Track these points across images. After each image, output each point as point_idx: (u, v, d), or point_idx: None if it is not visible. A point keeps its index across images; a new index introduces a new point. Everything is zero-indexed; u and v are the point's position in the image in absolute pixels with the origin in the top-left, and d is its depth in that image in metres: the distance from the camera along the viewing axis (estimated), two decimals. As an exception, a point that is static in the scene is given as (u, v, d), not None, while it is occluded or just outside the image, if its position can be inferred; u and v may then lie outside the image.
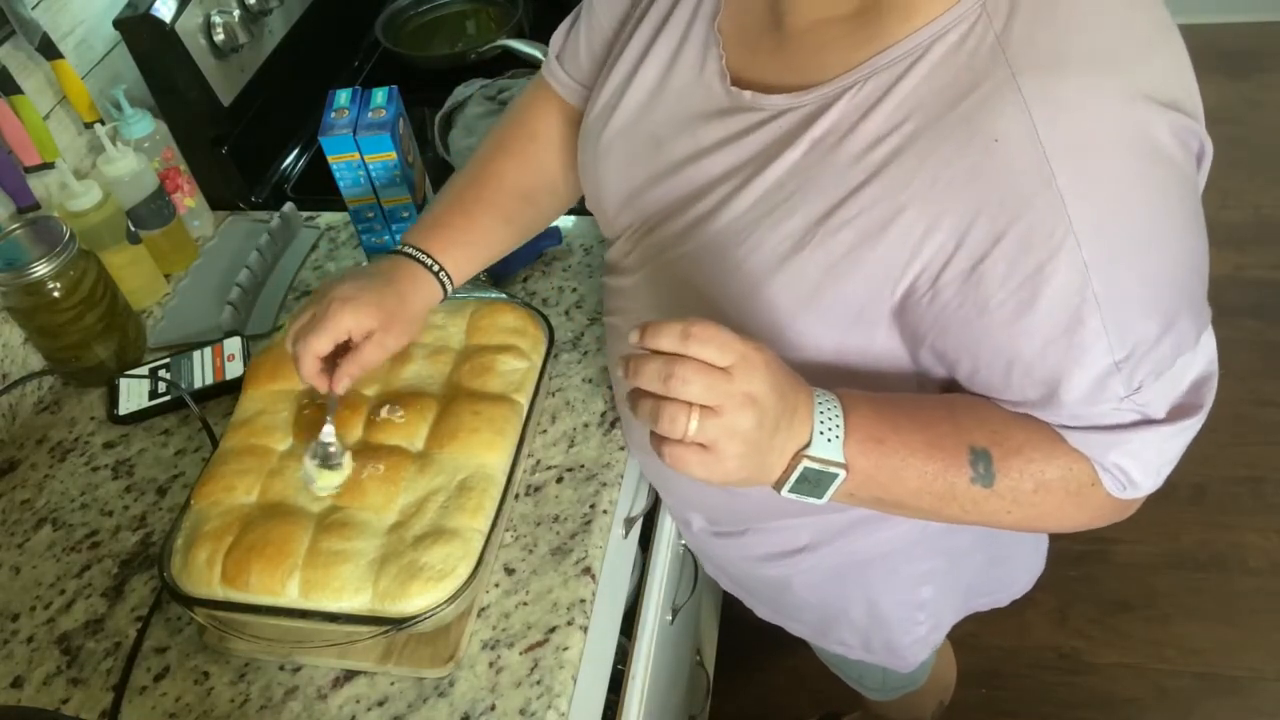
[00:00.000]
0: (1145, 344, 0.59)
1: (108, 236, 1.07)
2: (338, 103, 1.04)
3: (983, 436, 0.65)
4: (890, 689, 1.27)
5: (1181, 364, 0.62)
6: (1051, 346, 0.59)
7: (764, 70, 0.68)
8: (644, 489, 1.04)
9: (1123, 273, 0.57)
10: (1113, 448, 0.64)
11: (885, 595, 0.94)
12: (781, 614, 1.04)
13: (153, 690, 0.80)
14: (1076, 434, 0.64)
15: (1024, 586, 1.05)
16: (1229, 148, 2.63)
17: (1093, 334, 0.58)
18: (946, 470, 0.65)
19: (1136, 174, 0.56)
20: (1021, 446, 0.65)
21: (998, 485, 0.65)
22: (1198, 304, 0.63)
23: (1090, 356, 0.59)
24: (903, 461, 0.64)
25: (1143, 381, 0.60)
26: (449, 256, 0.84)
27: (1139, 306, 0.58)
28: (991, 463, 0.65)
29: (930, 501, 0.66)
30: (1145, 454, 0.65)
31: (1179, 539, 1.84)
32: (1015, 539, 0.98)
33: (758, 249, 0.66)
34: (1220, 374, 0.67)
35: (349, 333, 0.77)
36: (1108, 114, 0.55)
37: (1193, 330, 0.62)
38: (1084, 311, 0.57)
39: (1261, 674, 1.66)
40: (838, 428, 0.62)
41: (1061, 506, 0.67)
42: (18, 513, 0.96)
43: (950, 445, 0.65)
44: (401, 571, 0.76)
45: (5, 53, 1.04)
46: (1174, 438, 0.65)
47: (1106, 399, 0.61)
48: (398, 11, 1.54)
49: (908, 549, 0.88)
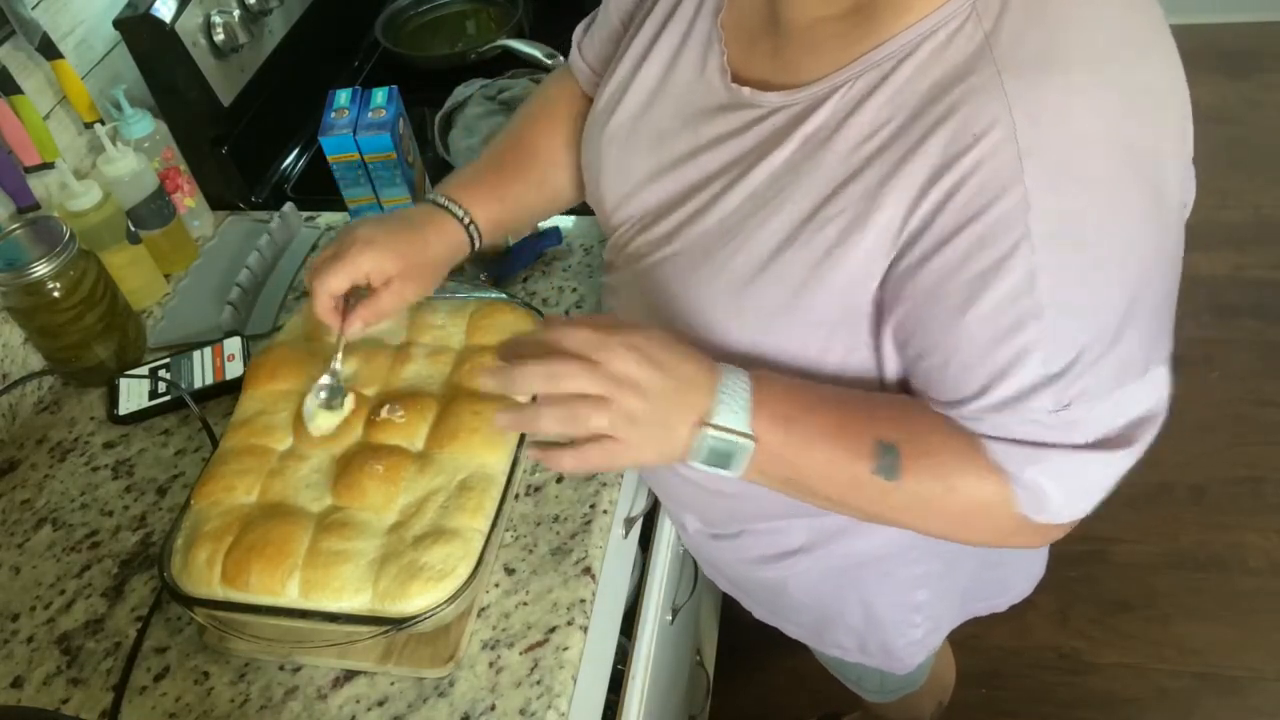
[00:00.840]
0: (1083, 363, 0.58)
1: (108, 236, 1.07)
2: (338, 103, 1.04)
3: (895, 432, 0.65)
4: (888, 691, 1.27)
5: (1125, 394, 0.61)
6: (989, 347, 0.59)
7: (762, 68, 0.68)
8: (644, 489, 1.04)
9: (1071, 285, 0.56)
10: (1031, 464, 0.63)
11: (880, 598, 0.94)
12: (778, 615, 1.04)
13: (153, 690, 0.80)
14: (998, 445, 0.63)
15: (1022, 592, 1.05)
16: (1229, 148, 2.65)
17: (1030, 341, 0.57)
18: (852, 458, 0.64)
19: (1109, 186, 0.56)
20: (935, 450, 0.65)
21: (903, 482, 0.65)
22: (1153, 334, 0.62)
23: (1023, 364, 0.58)
24: (809, 442, 0.64)
25: (1073, 400, 0.59)
26: (480, 210, 0.84)
27: (1082, 322, 0.58)
28: (899, 458, 0.64)
29: (837, 490, 0.66)
30: (1066, 478, 0.63)
31: (1179, 539, 1.84)
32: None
33: (743, 248, 0.66)
34: (1220, 374, 0.67)
35: (367, 276, 0.77)
36: (1090, 120, 0.55)
37: (1140, 359, 0.61)
38: (1025, 317, 0.57)
39: (1261, 674, 1.66)
40: (744, 400, 0.63)
41: (968, 518, 0.66)
42: (18, 513, 0.96)
43: (859, 433, 0.65)
44: (401, 571, 0.76)
45: (5, 53, 1.04)
46: (1101, 467, 0.63)
47: (1033, 411, 0.60)
48: (398, 11, 1.54)
49: (903, 552, 0.88)
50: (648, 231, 0.75)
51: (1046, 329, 0.57)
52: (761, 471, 0.65)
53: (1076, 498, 0.65)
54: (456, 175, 0.87)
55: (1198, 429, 1.98)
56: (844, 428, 0.65)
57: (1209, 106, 2.60)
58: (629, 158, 0.76)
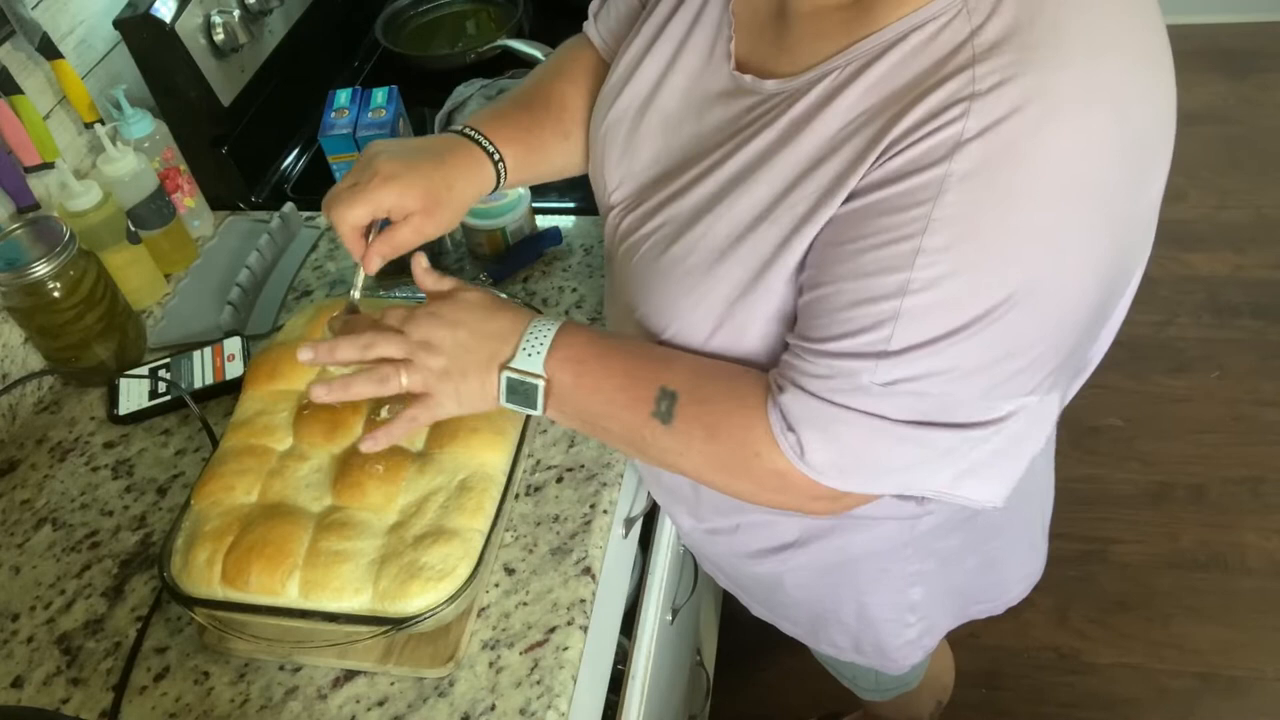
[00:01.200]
0: (931, 350, 0.58)
1: (108, 236, 1.07)
2: (338, 103, 1.04)
3: (679, 381, 0.69)
4: (884, 689, 1.27)
5: (957, 396, 0.59)
6: (856, 302, 0.59)
7: (765, 56, 0.68)
8: (644, 489, 1.04)
9: (946, 280, 0.56)
10: (814, 414, 0.62)
11: (875, 595, 0.94)
12: (775, 613, 1.04)
13: (153, 690, 0.80)
14: (803, 397, 0.62)
15: (1019, 594, 1.05)
16: (1229, 148, 2.65)
17: (890, 311, 0.57)
18: (636, 401, 0.70)
19: (1037, 202, 0.54)
20: (709, 398, 0.67)
21: (675, 426, 0.68)
22: (1017, 352, 0.59)
23: (879, 329, 0.58)
24: (597, 384, 0.71)
25: (900, 380, 0.59)
26: (509, 149, 0.83)
27: (943, 318, 0.57)
28: (675, 404, 0.68)
29: (622, 429, 0.72)
30: (845, 436, 0.62)
31: (1179, 539, 1.84)
32: (1008, 544, 0.97)
33: (712, 228, 0.67)
34: (1220, 374, 0.67)
35: (388, 211, 0.76)
36: (1044, 118, 0.53)
37: (988, 367, 0.59)
38: (896, 289, 0.57)
39: (1261, 674, 1.66)
40: (542, 346, 0.71)
41: (727, 464, 0.68)
42: (18, 513, 0.96)
43: (647, 380, 0.70)
44: (401, 571, 0.76)
45: (5, 53, 1.04)
46: (889, 441, 0.62)
47: (863, 375, 0.60)
48: (398, 11, 1.54)
49: (898, 549, 0.88)
50: (632, 214, 0.76)
51: (906, 309, 0.57)
52: (559, 410, 0.73)
53: (848, 466, 0.64)
54: (484, 111, 0.86)
55: (1198, 429, 1.98)
56: (632, 374, 0.70)
57: (1209, 106, 2.60)
58: (633, 140, 0.77)
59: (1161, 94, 0.58)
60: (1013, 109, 0.53)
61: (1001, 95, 0.54)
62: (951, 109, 0.55)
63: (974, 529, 0.90)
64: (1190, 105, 2.70)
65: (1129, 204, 0.58)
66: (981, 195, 0.55)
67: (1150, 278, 2.40)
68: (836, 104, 0.61)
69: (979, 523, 0.90)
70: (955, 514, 0.86)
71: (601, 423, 0.73)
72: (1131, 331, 2.18)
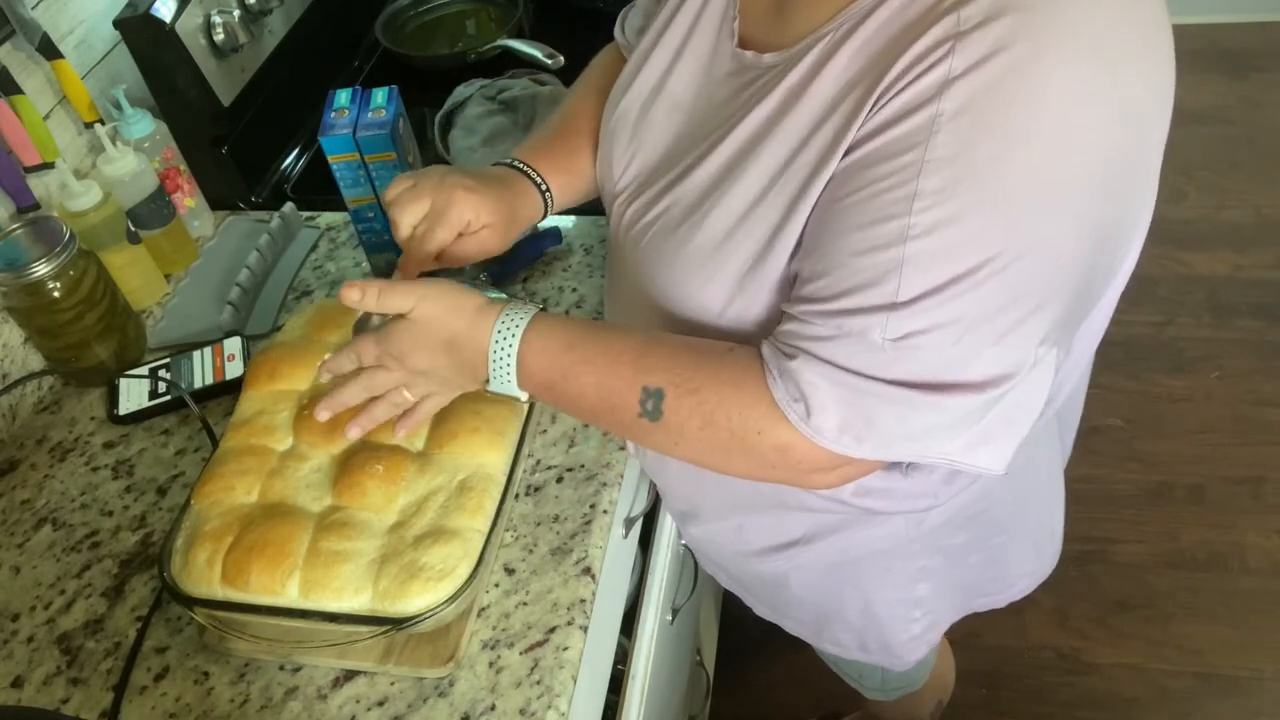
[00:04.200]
0: (937, 299, 0.57)
1: (108, 236, 1.07)
2: (338, 103, 1.04)
3: (660, 377, 0.68)
4: (889, 689, 1.27)
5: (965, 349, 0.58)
6: (856, 254, 0.58)
7: (768, 31, 0.69)
8: (644, 489, 1.04)
9: (949, 218, 0.55)
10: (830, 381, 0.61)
11: (881, 592, 0.94)
12: (778, 612, 1.04)
13: (153, 690, 0.80)
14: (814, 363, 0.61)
15: (1023, 589, 1.05)
16: (1229, 148, 2.65)
17: (893, 260, 0.57)
18: (616, 408, 0.70)
19: (1031, 140, 0.54)
20: (699, 388, 0.67)
21: (665, 420, 0.68)
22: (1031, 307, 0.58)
23: (882, 282, 0.57)
24: (573, 400, 0.72)
25: (911, 333, 0.58)
26: (554, 180, 0.87)
27: (949, 261, 0.56)
28: (663, 401, 0.68)
29: (614, 427, 0.75)
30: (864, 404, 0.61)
31: (1179, 539, 1.84)
32: (1012, 541, 0.98)
33: (719, 204, 0.67)
34: (1220, 374, 0.66)
35: (468, 224, 0.79)
36: (1032, 53, 0.53)
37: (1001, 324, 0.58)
38: (896, 236, 0.56)
39: (1261, 674, 1.66)
40: (509, 371, 0.72)
41: (726, 447, 0.68)
42: (18, 513, 0.96)
43: (623, 386, 0.69)
44: (401, 571, 0.76)
45: (5, 53, 1.04)
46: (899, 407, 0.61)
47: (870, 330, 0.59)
48: (398, 11, 1.54)
49: (904, 545, 0.88)
50: (638, 200, 0.76)
51: (910, 255, 0.56)
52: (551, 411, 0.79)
53: (863, 430, 0.62)
54: (526, 145, 0.90)
55: (1198, 429, 1.98)
56: (606, 384, 0.70)
57: (1209, 106, 2.60)
58: (640, 128, 0.77)
59: (1155, 54, 0.57)
60: (998, 46, 0.53)
61: (987, 32, 0.53)
62: (937, 50, 0.54)
63: (979, 526, 0.90)
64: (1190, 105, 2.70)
65: (1122, 160, 0.57)
66: (973, 134, 0.54)
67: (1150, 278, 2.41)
68: (830, 67, 0.61)
69: (984, 520, 0.90)
70: (962, 510, 0.86)
71: (593, 422, 0.75)
72: (1131, 331, 2.18)
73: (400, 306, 0.73)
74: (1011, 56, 0.53)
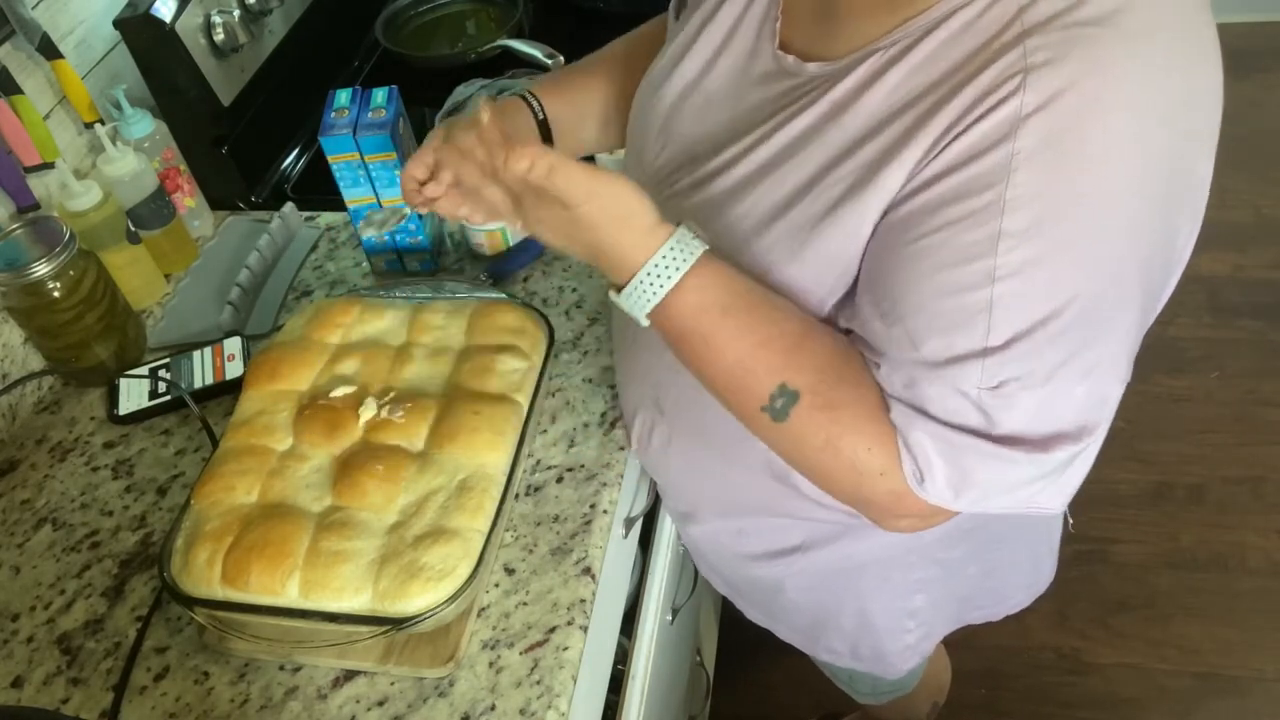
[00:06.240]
0: (1028, 343, 0.56)
1: (108, 236, 1.07)
2: (338, 103, 1.04)
3: (803, 379, 0.64)
4: (880, 693, 1.27)
5: (1056, 393, 0.58)
6: (936, 298, 0.58)
7: (811, 39, 0.68)
8: (644, 489, 1.04)
9: (1034, 259, 0.55)
10: (928, 435, 0.61)
11: (877, 602, 0.93)
12: (773, 618, 1.04)
13: (153, 690, 0.80)
14: (906, 409, 0.62)
15: (1020, 603, 1.05)
16: (1229, 148, 2.63)
17: (977, 304, 0.56)
18: (744, 390, 0.66)
19: (1107, 170, 0.54)
20: (836, 404, 0.64)
21: (789, 424, 0.65)
22: (1108, 344, 0.59)
23: (968, 327, 0.57)
24: (699, 364, 0.68)
25: (1007, 380, 0.58)
26: (552, 109, 0.91)
27: (1036, 301, 0.56)
28: (794, 404, 0.64)
29: (723, 399, 0.69)
30: (960, 459, 0.61)
31: (1179, 539, 1.84)
32: (1010, 555, 0.97)
33: (756, 204, 0.67)
34: (1220, 374, 0.66)
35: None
36: (1103, 88, 0.53)
37: (1083, 362, 0.58)
38: (978, 279, 0.56)
39: (1261, 674, 1.66)
40: (646, 304, 0.66)
41: (843, 476, 0.66)
42: (18, 513, 0.96)
43: (765, 372, 0.65)
44: (401, 571, 0.76)
45: (5, 53, 1.04)
46: (1001, 464, 0.61)
47: (963, 380, 0.58)
48: (398, 11, 1.54)
49: (902, 556, 0.88)
50: (671, 187, 0.76)
51: (998, 296, 0.56)
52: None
53: (961, 485, 0.62)
54: (548, 75, 0.94)
55: (1198, 429, 1.98)
56: (744, 365, 0.65)
57: (1209, 106, 2.59)
58: (673, 121, 0.77)
59: (1209, 71, 0.57)
60: (1070, 83, 0.52)
61: (1058, 69, 0.53)
62: (1005, 85, 0.54)
63: (978, 539, 0.90)
64: (1190, 105, 2.62)
65: (1185, 188, 0.58)
66: (1053, 172, 0.54)
67: (1150, 278, 2.33)
68: (880, 84, 0.61)
69: (983, 534, 0.90)
70: (961, 524, 0.84)
71: (707, 387, 0.69)
72: (1131, 331, 2.17)
73: (566, 196, 0.64)
74: (1083, 93, 0.52)
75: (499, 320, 0.94)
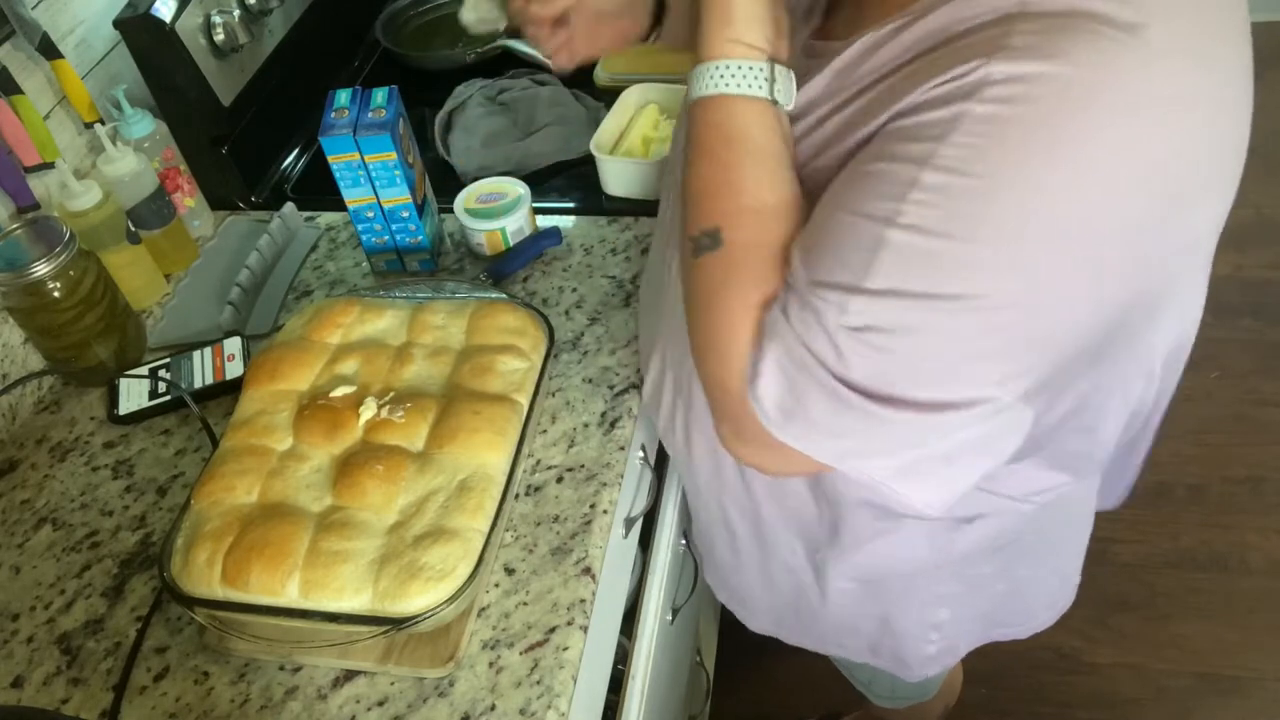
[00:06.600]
0: (899, 297, 0.54)
1: (108, 236, 1.07)
2: (338, 103, 1.04)
3: (739, 237, 0.64)
4: (899, 698, 1.26)
5: (920, 369, 0.56)
6: (833, 218, 0.58)
7: (842, 22, 0.69)
8: (644, 489, 1.04)
9: (933, 231, 0.53)
10: (785, 351, 0.59)
11: (902, 613, 0.93)
12: (782, 625, 1.03)
13: (153, 690, 0.80)
14: (776, 317, 0.60)
15: (1045, 621, 1.03)
16: (1229, 148, 2.64)
17: (872, 241, 0.55)
18: (697, 209, 0.66)
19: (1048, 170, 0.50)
20: (740, 273, 0.63)
21: (700, 264, 0.65)
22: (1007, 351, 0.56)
23: (847, 261, 0.56)
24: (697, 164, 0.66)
25: (868, 326, 0.55)
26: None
27: (926, 268, 0.54)
28: (708, 252, 0.64)
29: (688, 205, 0.67)
30: (803, 385, 0.59)
31: (1179, 539, 1.84)
32: (1040, 573, 0.96)
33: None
34: (1220, 374, 0.66)
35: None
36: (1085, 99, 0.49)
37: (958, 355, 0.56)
38: (883, 219, 0.54)
39: (1261, 674, 1.66)
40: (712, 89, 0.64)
41: (710, 348, 0.65)
42: (18, 513, 0.96)
43: (715, 204, 0.65)
44: (401, 571, 0.76)
45: (5, 53, 1.04)
46: (841, 404, 0.58)
47: (830, 309, 0.57)
48: (398, 11, 1.54)
49: (929, 570, 0.87)
50: None
51: (890, 240, 0.54)
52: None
53: (793, 410, 0.60)
54: None
55: (1198, 429, 1.98)
56: (708, 190, 0.65)
57: (1209, 106, 2.59)
58: None
59: (1227, 112, 0.54)
60: (1048, 72, 0.49)
61: (1039, 51, 0.50)
62: (986, 49, 0.52)
63: (1008, 556, 0.88)
64: (1190, 105, 2.63)
65: (1156, 227, 0.54)
66: (988, 146, 0.51)
67: (1150, 278, 2.33)
68: (880, 53, 0.60)
69: (1014, 550, 0.88)
70: (994, 539, 0.84)
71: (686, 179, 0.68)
72: (1131, 331, 2.16)
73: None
74: (1058, 85, 0.49)
75: (499, 320, 0.94)
